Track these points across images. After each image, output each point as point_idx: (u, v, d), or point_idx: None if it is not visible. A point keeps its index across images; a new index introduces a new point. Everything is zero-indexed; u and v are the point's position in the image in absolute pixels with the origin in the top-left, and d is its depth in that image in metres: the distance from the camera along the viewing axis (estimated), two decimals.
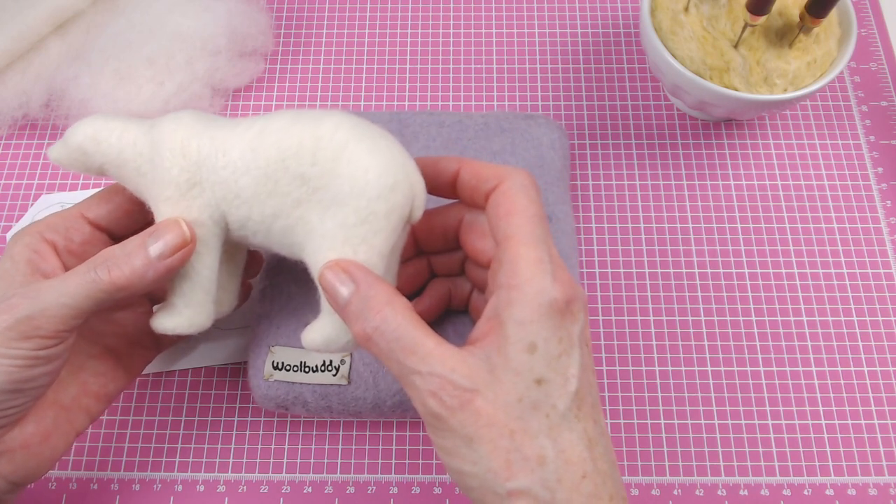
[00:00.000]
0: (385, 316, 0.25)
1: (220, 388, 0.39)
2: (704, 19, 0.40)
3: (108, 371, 0.33)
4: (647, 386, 0.39)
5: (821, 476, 0.37)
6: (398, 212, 0.27)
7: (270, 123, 0.28)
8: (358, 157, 0.27)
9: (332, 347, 0.29)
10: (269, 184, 0.28)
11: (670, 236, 0.43)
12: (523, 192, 0.27)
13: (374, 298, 0.25)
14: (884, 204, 0.44)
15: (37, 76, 0.44)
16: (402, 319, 0.25)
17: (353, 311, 0.26)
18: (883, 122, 0.46)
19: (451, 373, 0.24)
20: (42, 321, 0.27)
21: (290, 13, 0.50)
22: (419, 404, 0.25)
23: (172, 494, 0.36)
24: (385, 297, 0.25)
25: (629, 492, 0.37)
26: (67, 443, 0.31)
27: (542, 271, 0.25)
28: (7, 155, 0.45)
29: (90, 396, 0.32)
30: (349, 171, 0.27)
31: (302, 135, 0.28)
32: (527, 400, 0.24)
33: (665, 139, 0.45)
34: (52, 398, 0.30)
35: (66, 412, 0.31)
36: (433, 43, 0.49)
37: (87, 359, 0.32)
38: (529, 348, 0.24)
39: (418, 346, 0.24)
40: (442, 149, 0.39)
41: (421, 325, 0.25)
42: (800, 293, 0.41)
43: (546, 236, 0.26)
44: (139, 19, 0.44)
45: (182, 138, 0.29)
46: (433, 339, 0.25)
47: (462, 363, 0.24)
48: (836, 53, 0.40)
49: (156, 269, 0.28)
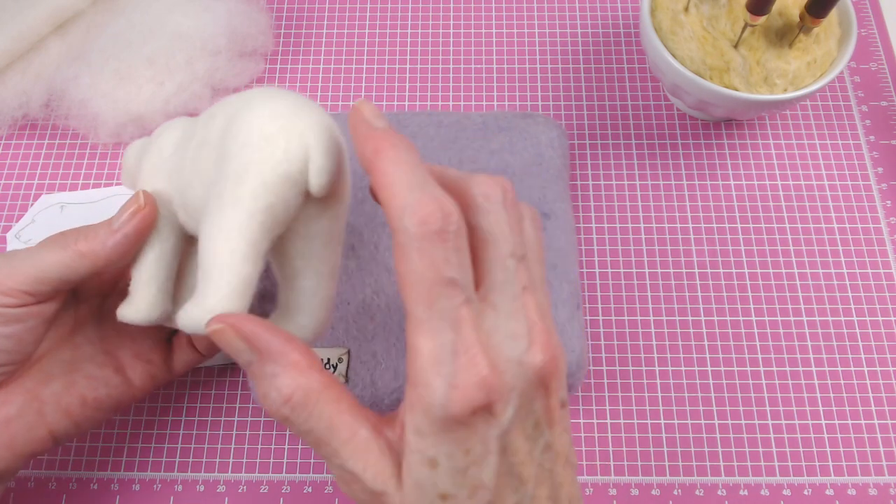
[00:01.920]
0: (294, 404, 0.22)
1: (220, 388, 0.39)
2: (704, 19, 0.40)
3: (104, 377, 0.32)
4: (647, 386, 0.39)
5: (821, 476, 0.37)
6: (272, 167, 0.24)
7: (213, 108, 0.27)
8: (251, 109, 0.25)
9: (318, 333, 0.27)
10: (192, 166, 0.27)
11: (670, 236, 0.43)
12: (416, 249, 0.20)
13: (281, 378, 0.22)
14: (884, 204, 0.44)
15: (37, 76, 0.44)
16: (312, 407, 0.22)
17: (259, 384, 0.23)
18: (883, 122, 0.46)
19: (363, 472, 0.22)
20: (5, 278, 0.28)
21: (290, 13, 0.50)
22: (339, 485, 0.23)
23: (172, 494, 0.36)
24: (293, 376, 0.22)
25: (629, 492, 0.37)
26: (34, 438, 0.29)
27: (438, 376, 0.20)
28: (7, 155, 0.45)
29: (74, 396, 0.31)
30: (235, 126, 0.25)
31: (221, 107, 0.26)
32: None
33: (665, 139, 0.45)
34: (28, 386, 0.30)
35: (39, 403, 0.30)
36: (433, 43, 0.49)
37: (85, 361, 0.32)
38: (430, 463, 0.21)
39: (331, 439, 0.22)
40: (440, 149, 0.39)
41: (337, 407, 0.22)
42: (800, 293, 0.41)
43: (452, 312, 0.20)
44: (139, 19, 0.44)
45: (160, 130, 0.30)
46: (348, 425, 0.22)
47: (373, 461, 0.22)
48: (836, 53, 0.40)
49: (115, 237, 0.28)
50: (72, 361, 0.32)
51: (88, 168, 0.45)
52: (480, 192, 0.23)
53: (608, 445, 0.38)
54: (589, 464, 0.37)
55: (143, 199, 0.29)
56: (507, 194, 0.23)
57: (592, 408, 0.38)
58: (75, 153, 0.45)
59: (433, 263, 0.20)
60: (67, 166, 0.45)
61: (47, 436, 0.30)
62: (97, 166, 0.45)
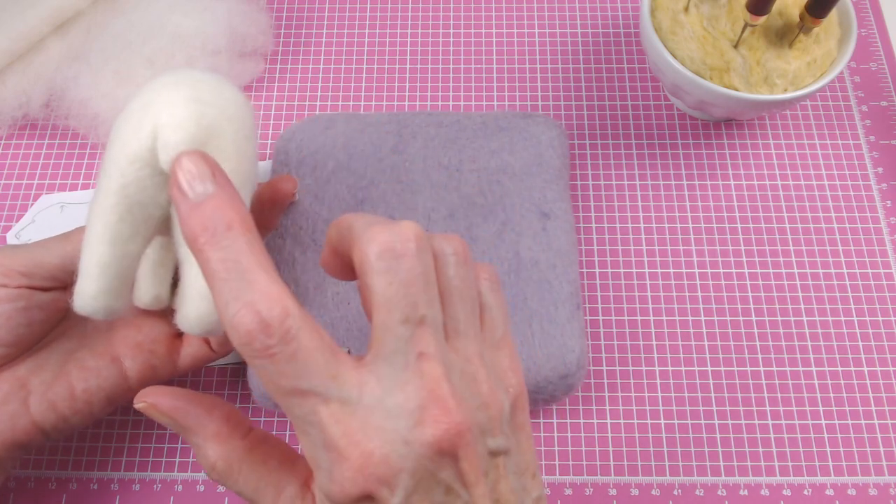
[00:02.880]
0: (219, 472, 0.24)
1: (220, 388, 0.39)
2: (704, 19, 0.40)
3: (96, 368, 0.31)
4: (647, 386, 0.39)
5: (821, 476, 0.37)
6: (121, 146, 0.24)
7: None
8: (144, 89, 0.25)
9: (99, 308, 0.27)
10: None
11: (670, 236, 0.43)
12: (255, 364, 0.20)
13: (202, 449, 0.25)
14: (884, 204, 0.44)
15: (37, 76, 0.44)
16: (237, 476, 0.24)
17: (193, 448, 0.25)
18: (883, 122, 0.46)
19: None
20: (4, 259, 0.29)
21: (290, 13, 0.50)
22: None
23: (172, 494, 0.36)
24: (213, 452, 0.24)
25: (629, 492, 0.37)
26: (17, 427, 0.29)
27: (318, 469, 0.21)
28: (7, 155, 0.45)
29: (63, 387, 0.30)
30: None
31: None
32: None
33: (665, 139, 0.45)
34: (18, 374, 0.30)
35: (25, 392, 0.29)
36: (433, 43, 0.49)
37: (83, 349, 0.31)
38: None
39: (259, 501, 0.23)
40: (440, 148, 0.39)
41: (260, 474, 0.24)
42: (800, 293, 0.41)
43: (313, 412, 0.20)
44: (139, 19, 0.44)
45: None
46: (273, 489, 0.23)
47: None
48: (836, 53, 0.40)
49: None
50: (73, 351, 0.31)
51: (88, 168, 0.45)
52: (373, 251, 0.21)
53: (608, 445, 0.38)
54: (589, 464, 0.37)
55: None
56: (412, 244, 0.21)
57: (592, 408, 0.38)
58: (75, 153, 0.45)
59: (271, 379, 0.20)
60: (67, 166, 0.45)
61: (32, 427, 0.29)
62: (97, 166, 0.45)
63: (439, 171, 0.39)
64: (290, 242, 0.37)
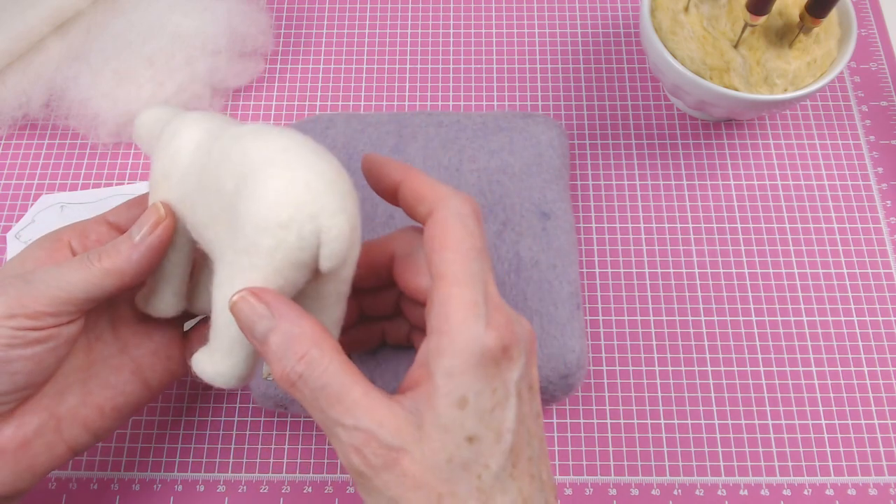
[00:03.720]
0: (311, 359, 0.23)
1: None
2: (704, 19, 0.40)
3: (121, 384, 0.31)
4: (647, 386, 0.39)
5: (821, 476, 0.37)
6: (285, 253, 0.24)
7: (234, 128, 0.27)
8: (264, 181, 0.24)
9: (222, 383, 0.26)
10: (204, 191, 0.27)
11: (670, 236, 0.43)
12: (460, 222, 0.25)
13: (299, 338, 0.23)
14: (884, 204, 0.44)
15: (37, 76, 0.44)
16: (328, 363, 0.23)
17: (274, 350, 0.23)
18: (883, 122, 0.46)
19: (378, 427, 0.22)
20: (29, 301, 0.26)
21: (290, 13, 0.50)
22: (344, 459, 0.23)
23: (172, 494, 0.36)
24: (311, 337, 0.23)
25: (629, 492, 0.37)
26: (54, 456, 0.29)
27: (475, 316, 0.23)
28: (7, 155, 0.45)
29: (92, 408, 0.30)
30: (249, 195, 0.24)
31: (238, 147, 0.26)
32: (457, 460, 0.22)
33: (665, 139, 0.45)
34: (44, 404, 0.29)
35: (56, 421, 0.29)
36: (433, 43, 0.49)
37: (100, 364, 0.31)
38: (460, 403, 0.22)
39: (344, 396, 0.23)
40: (440, 148, 0.39)
41: (349, 371, 0.23)
42: (800, 293, 0.41)
43: (483, 273, 0.24)
44: (139, 19, 0.44)
45: (173, 131, 0.29)
46: (361, 386, 0.23)
47: (390, 417, 0.22)
48: (836, 53, 0.40)
49: (139, 250, 0.28)
50: (86, 367, 0.30)
51: (88, 168, 0.45)
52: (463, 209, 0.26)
53: (608, 445, 0.38)
54: (589, 464, 0.37)
55: (163, 210, 0.28)
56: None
57: (592, 408, 0.38)
58: (75, 153, 0.45)
59: (472, 234, 0.24)
60: (67, 166, 0.45)
61: (66, 451, 0.29)
62: (97, 166, 0.45)
63: (439, 171, 0.39)
64: None
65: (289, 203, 0.24)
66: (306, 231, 0.24)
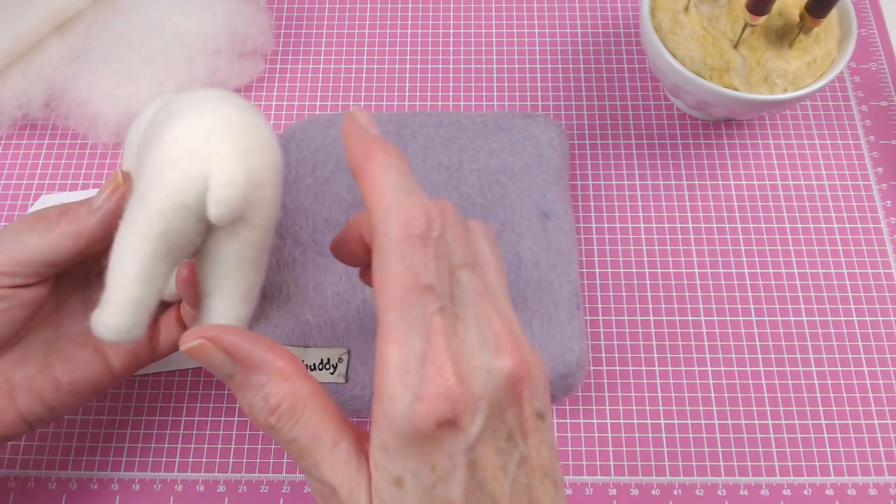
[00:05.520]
0: (281, 413, 0.22)
1: (221, 388, 0.39)
2: (704, 19, 0.40)
3: (81, 360, 0.31)
4: (647, 386, 0.39)
5: (821, 476, 0.37)
6: (168, 192, 0.23)
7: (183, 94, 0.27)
8: (176, 121, 0.24)
9: (117, 339, 0.26)
10: (142, 149, 0.27)
11: (670, 236, 0.43)
12: (396, 253, 0.20)
13: (269, 387, 0.22)
14: (884, 204, 0.44)
15: (37, 76, 0.44)
16: (298, 416, 0.22)
17: (243, 396, 0.23)
18: (883, 122, 0.46)
19: (340, 486, 0.22)
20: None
21: (290, 13, 0.50)
22: (315, 498, 0.23)
23: (172, 494, 0.36)
24: (283, 387, 0.22)
25: (629, 492, 0.37)
26: (4, 421, 0.29)
27: (403, 386, 0.20)
28: (7, 155, 0.45)
29: (48, 380, 0.30)
30: (162, 133, 0.24)
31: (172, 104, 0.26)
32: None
33: (665, 139, 0.45)
34: (1, 368, 0.29)
35: (9, 387, 0.29)
36: (433, 43, 0.49)
37: (65, 340, 0.31)
38: (396, 482, 0.21)
39: (314, 449, 0.22)
40: (440, 148, 0.39)
41: (322, 415, 0.22)
42: (800, 293, 0.41)
43: (424, 320, 0.20)
44: (139, 19, 0.44)
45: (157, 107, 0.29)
46: (331, 436, 0.22)
47: (352, 475, 0.22)
48: (836, 53, 0.40)
49: (97, 215, 0.28)
50: (51, 340, 0.31)
51: (88, 168, 0.45)
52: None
53: (608, 445, 0.38)
54: (589, 464, 0.37)
55: (120, 176, 0.29)
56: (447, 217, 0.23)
57: (592, 408, 0.38)
58: (75, 153, 0.45)
59: (412, 268, 0.20)
60: (67, 166, 0.45)
61: (19, 419, 0.29)
62: (97, 166, 0.45)
63: (439, 170, 0.39)
64: (289, 242, 0.37)
65: (184, 142, 0.23)
66: (194, 172, 0.23)
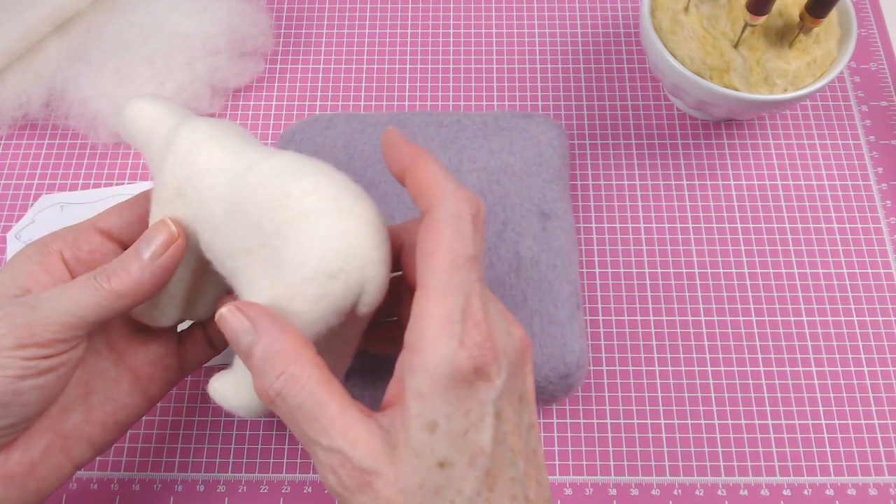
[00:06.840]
0: (288, 376, 0.23)
1: None
2: (704, 19, 0.40)
3: (121, 397, 0.30)
4: (647, 386, 0.39)
5: (821, 476, 0.37)
6: (330, 301, 0.24)
7: (266, 161, 0.27)
8: (311, 231, 0.25)
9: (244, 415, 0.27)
10: (233, 221, 0.27)
11: (670, 236, 0.43)
12: (451, 227, 0.23)
13: (278, 354, 0.23)
14: (884, 204, 0.44)
15: (37, 76, 0.44)
16: (305, 380, 0.22)
17: (255, 365, 0.23)
18: (883, 122, 0.46)
19: (352, 448, 0.22)
20: (39, 329, 0.25)
21: (290, 13, 0.50)
22: (322, 479, 0.23)
23: (172, 494, 0.36)
24: (290, 353, 0.23)
25: (629, 492, 0.37)
26: (60, 476, 0.28)
27: (448, 334, 0.22)
28: (7, 155, 0.45)
29: (95, 424, 0.29)
30: (297, 241, 0.25)
31: (278, 185, 0.26)
32: (429, 485, 0.22)
33: (665, 139, 0.45)
34: (48, 424, 0.28)
35: (62, 440, 0.28)
36: (433, 43, 0.49)
37: (98, 377, 0.30)
38: (430, 426, 0.21)
39: (320, 413, 0.22)
40: (440, 148, 0.39)
41: (327, 388, 0.23)
42: (800, 293, 0.41)
43: (468, 285, 0.22)
44: (139, 19, 0.44)
45: (188, 147, 0.28)
46: (337, 403, 0.22)
47: (364, 436, 0.22)
48: (836, 53, 0.40)
49: (151, 271, 0.27)
50: (85, 381, 0.29)
51: (88, 168, 0.45)
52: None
53: (608, 445, 0.38)
54: (589, 464, 0.37)
55: (174, 229, 0.28)
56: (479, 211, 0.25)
57: (592, 408, 0.38)
58: (75, 153, 0.45)
59: (464, 239, 0.23)
60: (67, 166, 0.45)
61: (72, 469, 0.29)
62: (97, 166, 0.45)
63: None
64: None
65: (338, 255, 0.24)
66: (352, 281, 0.25)
